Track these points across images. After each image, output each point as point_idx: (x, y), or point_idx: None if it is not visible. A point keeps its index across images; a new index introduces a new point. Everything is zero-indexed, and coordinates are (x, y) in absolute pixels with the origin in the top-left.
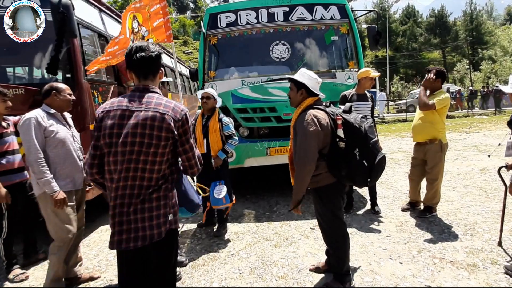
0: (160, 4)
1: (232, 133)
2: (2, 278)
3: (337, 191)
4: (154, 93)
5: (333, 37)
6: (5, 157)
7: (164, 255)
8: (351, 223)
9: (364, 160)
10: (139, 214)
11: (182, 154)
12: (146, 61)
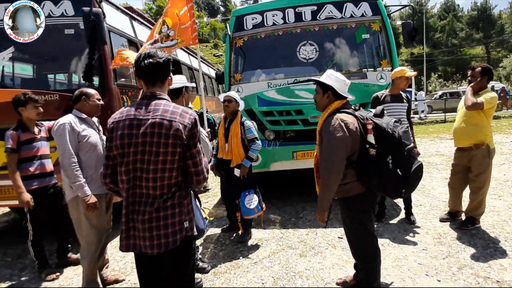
0: (187, 6)
1: (255, 137)
2: (36, 276)
3: (367, 202)
4: (161, 99)
5: (364, 35)
6: (33, 161)
7: (180, 262)
8: (383, 233)
9: (398, 168)
10: (154, 222)
11: (188, 159)
12: (154, 68)
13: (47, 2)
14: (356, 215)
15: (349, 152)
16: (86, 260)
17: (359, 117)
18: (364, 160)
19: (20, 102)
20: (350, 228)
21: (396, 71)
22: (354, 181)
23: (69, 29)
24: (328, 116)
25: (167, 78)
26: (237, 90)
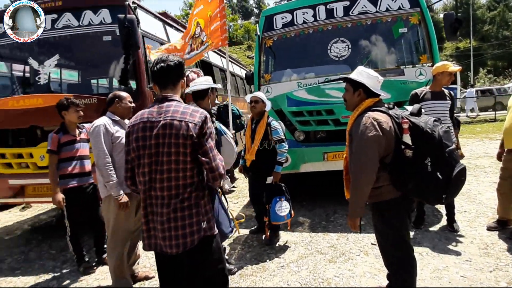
0: (219, 8)
1: (281, 139)
2: (75, 270)
3: (402, 207)
4: (172, 101)
5: (402, 29)
6: (72, 161)
7: (197, 262)
8: (421, 241)
9: (437, 172)
10: (172, 222)
11: (201, 156)
12: (165, 71)
13: (87, 11)
14: (389, 221)
15: (383, 153)
16: (112, 258)
17: (393, 115)
18: (399, 162)
19: (63, 106)
20: (382, 235)
21: (438, 66)
22: (387, 184)
23: (107, 36)
24: (359, 115)
25: (179, 81)
26: (267, 91)
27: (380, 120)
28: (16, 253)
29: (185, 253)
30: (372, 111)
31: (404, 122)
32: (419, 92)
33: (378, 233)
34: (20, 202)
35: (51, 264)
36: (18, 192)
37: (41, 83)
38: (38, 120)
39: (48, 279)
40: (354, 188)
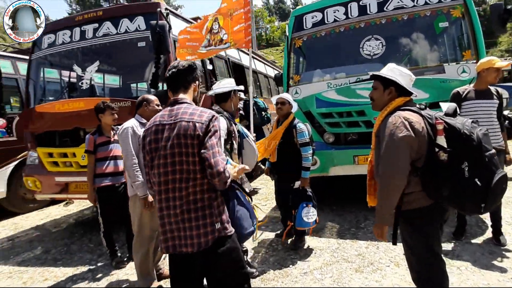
0: (244, 9)
1: (306, 142)
2: (109, 263)
3: (434, 217)
4: (182, 103)
5: (442, 24)
6: (107, 161)
7: (211, 263)
8: (461, 253)
9: (476, 178)
10: (187, 223)
11: (202, 154)
12: (175, 75)
13: (124, 19)
14: (419, 232)
15: (414, 156)
16: (138, 255)
17: (426, 116)
18: (433, 166)
19: (100, 109)
20: (411, 247)
21: (482, 62)
22: (419, 191)
23: (141, 42)
24: (388, 115)
25: (190, 84)
26: (295, 92)
27: (411, 120)
28: (60, 245)
29: (199, 253)
30: (402, 110)
31: (438, 123)
32: (462, 91)
33: (406, 244)
34: (64, 198)
35: (88, 257)
36: (63, 189)
37: (83, 87)
38: (80, 122)
39: (84, 271)
40: (383, 193)
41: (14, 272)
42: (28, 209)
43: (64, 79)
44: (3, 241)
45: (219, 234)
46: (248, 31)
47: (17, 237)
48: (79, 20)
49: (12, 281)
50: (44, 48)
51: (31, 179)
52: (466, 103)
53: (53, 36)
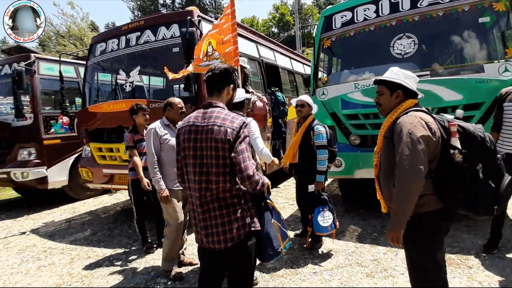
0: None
1: (322, 145)
2: (141, 248)
3: (441, 223)
4: (216, 107)
5: (482, 19)
6: (142, 156)
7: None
8: (488, 268)
9: (490, 180)
10: (219, 219)
11: (233, 158)
12: (211, 79)
13: (162, 27)
14: (426, 238)
15: (429, 157)
16: (168, 240)
17: (437, 118)
18: (446, 168)
19: (133, 110)
20: (412, 254)
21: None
22: (431, 194)
23: (175, 48)
24: (400, 116)
25: (224, 88)
26: (322, 93)
27: (427, 120)
28: (105, 228)
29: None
30: (416, 111)
31: (452, 125)
32: (504, 92)
33: (408, 251)
34: (110, 188)
35: (125, 241)
36: (109, 180)
37: (126, 90)
38: (122, 121)
39: (120, 252)
40: (402, 197)
41: (66, 249)
42: (86, 196)
43: (112, 82)
44: (62, 222)
45: (249, 228)
46: (236, 51)
47: (73, 219)
48: (124, 30)
49: (63, 256)
50: (97, 55)
51: (85, 170)
52: (506, 105)
53: (104, 44)
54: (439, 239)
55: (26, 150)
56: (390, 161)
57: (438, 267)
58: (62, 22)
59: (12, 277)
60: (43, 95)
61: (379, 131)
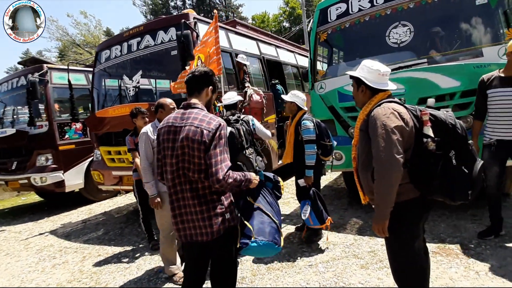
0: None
1: (310, 139)
2: (147, 245)
3: (419, 211)
4: (194, 108)
5: (480, 1)
6: None
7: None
8: (487, 257)
9: (462, 166)
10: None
11: (207, 159)
12: (190, 80)
13: (160, 31)
14: (403, 226)
15: (404, 147)
16: (162, 245)
17: (409, 108)
18: (421, 157)
19: (133, 114)
20: (392, 244)
21: (510, 45)
22: (407, 183)
23: (174, 51)
24: (373, 109)
25: (203, 89)
26: (320, 87)
27: (400, 111)
28: (117, 228)
29: (212, 241)
30: (388, 102)
31: (424, 114)
32: (487, 78)
33: (388, 241)
34: (119, 189)
35: (134, 239)
36: (119, 181)
37: (130, 94)
38: (127, 125)
39: (128, 250)
40: (383, 187)
41: (80, 248)
42: (101, 197)
43: (117, 87)
44: (78, 223)
45: (229, 224)
46: (219, 61)
47: (89, 220)
48: (126, 36)
49: (76, 255)
50: (102, 62)
51: (96, 173)
52: (490, 92)
53: (108, 51)
54: (417, 227)
55: (43, 156)
56: (367, 154)
57: (417, 255)
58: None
59: (29, 275)
60: (58, 103)
61: (355, 124)
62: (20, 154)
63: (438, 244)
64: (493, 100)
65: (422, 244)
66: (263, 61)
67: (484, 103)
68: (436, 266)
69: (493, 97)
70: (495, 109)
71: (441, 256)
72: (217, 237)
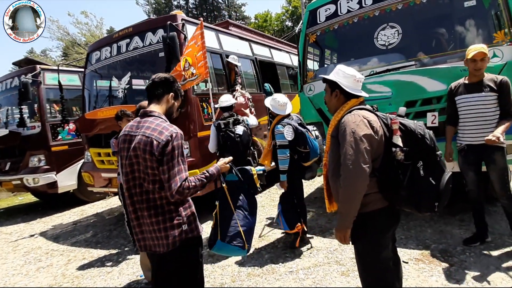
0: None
1: (282, 144)
2: (132, 249)
3: (386, 222)
4: (150, 116)
5: (468, 2)
6: None
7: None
8: (470, 265)
9: (430, 177)
10: (155, 225)
11: (161, 174)
12: (150, 87)
13: (149, 33)
14: (371, 236)
15: (373, 155)
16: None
17: (380, 116)
18: (389, 167)
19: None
20: (360, 253)
21: (467, 53)
22: (375, 192)
23: (162, 52)
24: (344, 115)
25: (163, 96)
26: (309, 89)
27: (370, 119)
28: (106, 230)
29: (169, 253)
30: (359, 109)
31: (394, 123)
32: (454, 86)
33: (357, 250)
34: (108, 191)
35: (121, 242)
36: (108, 183)
37: (119, 96)
38: (114, 127)
39: (113, 253)
40: (347, 196)
41: (66, 251)
42: (95, 198)
43: (106, 89)
44: (68, 225)
45: (186, 235)
46: (206, 65)
47: (80, 222)
48: (116, 37)
49: (61, 258)
50: (93, 63)
51: (86, 175)
52: (457, 99)
53: (99, 52)
54: (385, 237)
55: (36, 157)
56: (337, 161)
57: (383, 265)
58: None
59: (13, 278)
60: (53, 103)
61: (327, 130)
62: (13, 155)
63: (422, 250)
64: (460, 106)
65: (390, 254)
66: (256, 62)
67: (454, 109)
68: (417, 274)
69: (460, 104)
70: (462, 115)
71: (423, 264)
72: (172, 249)
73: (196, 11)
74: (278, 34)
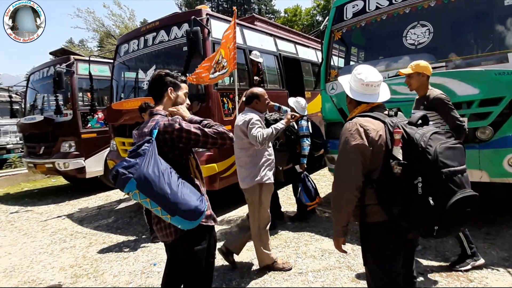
0: (233, 42)
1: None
2: (148, 237)
3: (385, 236)
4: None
5: (510, 1)
6: None
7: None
8: (491, 282)
9: (429, 196)
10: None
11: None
12: (149, 89)
13: (174, 27)
14: (371, 248)
15: (368, 166)
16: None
17: (388, 123)
18: (387, 179)
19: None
20: (364, 262)
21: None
22: (375, 204)
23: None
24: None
25: (163, 94)
26: (332, 88)
27: (367, 128)
28: (126, 216)
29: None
30: (363, 116)
31: (396, 132)
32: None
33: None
34: None
35: (139, 229)
36: None
37: (144, 88)
38: (139, 118)
39: (131, 240)
40: (335, 205)
41: (89, 234)
42: None
43: (132, 81)
44: (93, 209)
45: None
46: (234, 57)
47: (104, 207)
48: (143, 31)
49: (84, 240)
50: (122, 55)
51: (111, 163)
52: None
53: (127, 45)
54: (388, 251)
55: (67, 143)
56: None
57: (389, 278)
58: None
59: (39, 256)
60: (84, 92)
61: None
62: (47, 140)
63: (440, 262)
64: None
65: (398, 268)
66: (280, 58)
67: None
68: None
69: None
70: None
71: (440, 277)
72: (175, 238)
73: (226, 5)
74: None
